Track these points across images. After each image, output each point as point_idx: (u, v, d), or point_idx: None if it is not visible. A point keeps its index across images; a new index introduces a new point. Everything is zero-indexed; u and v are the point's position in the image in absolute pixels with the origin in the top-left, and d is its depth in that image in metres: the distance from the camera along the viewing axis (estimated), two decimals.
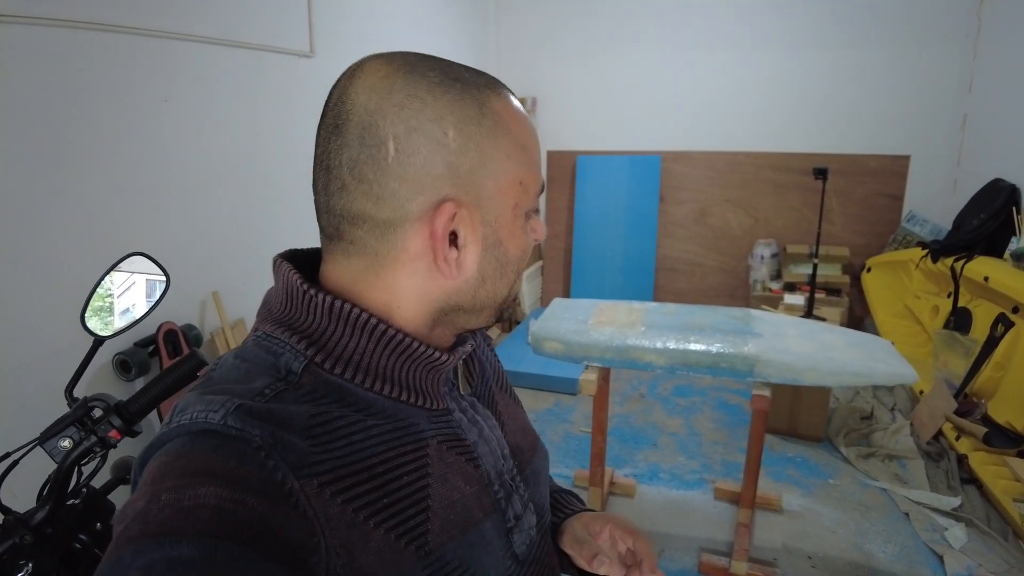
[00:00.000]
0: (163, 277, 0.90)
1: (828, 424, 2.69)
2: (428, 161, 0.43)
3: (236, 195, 2.16)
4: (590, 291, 4.10)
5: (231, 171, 2.12)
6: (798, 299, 2.75)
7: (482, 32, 4.10)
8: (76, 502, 0.80)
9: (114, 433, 0.78)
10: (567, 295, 4.23)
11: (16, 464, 0.78)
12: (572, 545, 0.61)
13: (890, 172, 3.56)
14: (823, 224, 2.86)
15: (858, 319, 3.65)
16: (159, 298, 0.90)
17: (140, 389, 0.83)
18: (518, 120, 0.47)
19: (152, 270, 0.90)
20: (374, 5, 2.88)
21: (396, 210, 0.44)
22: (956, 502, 2.15)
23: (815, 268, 2.83)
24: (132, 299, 0.89)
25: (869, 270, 3.52)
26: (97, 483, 0.84)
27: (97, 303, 0.85)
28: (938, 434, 2.51)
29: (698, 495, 2.32)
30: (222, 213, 2.10)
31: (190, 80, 1.92)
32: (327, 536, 0.39)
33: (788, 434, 2.68)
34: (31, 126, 1.48)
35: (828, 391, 2.66)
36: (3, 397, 1.43)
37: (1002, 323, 2.42)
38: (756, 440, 1.88)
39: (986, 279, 2.51)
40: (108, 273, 0.86)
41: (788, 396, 2.61)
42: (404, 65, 0.44)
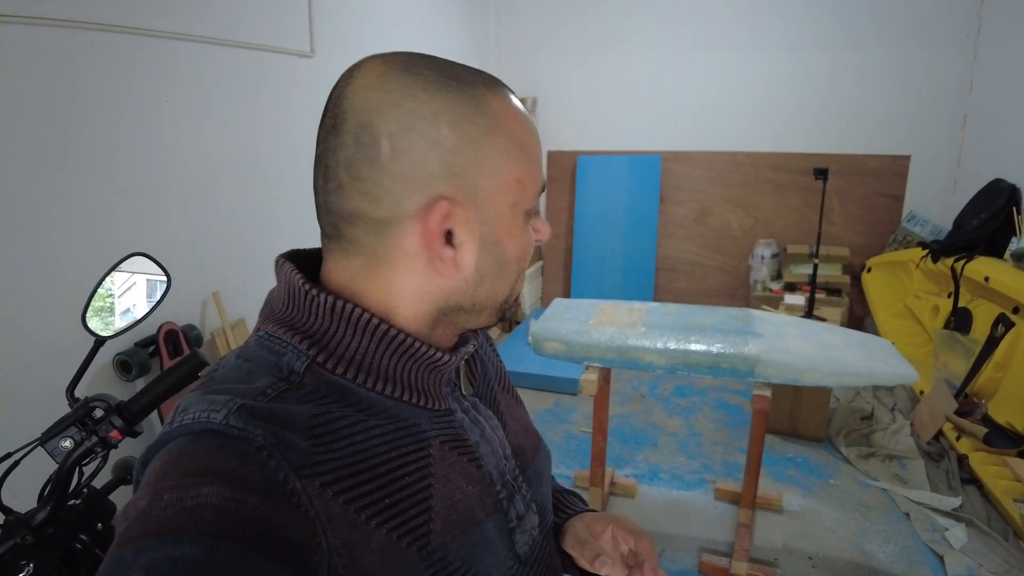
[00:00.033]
0: (164, 277, 0.90)
1: (828, 424, 2.69)
2: (423, 159, 0.43)
3: (236, 195, 2.15)
4: (590, 291, 4.10)
5: (231, 171, 2.12)
6: (798, 299, 2.74)
7: (482, 32, 4.10)
8: (77, 502, 0.80)
9: (115, 433, 0.78)
10: (567, 295, 4.23)
11: (17, 464, 0.78)
12: (574, 545, 0.61)
13: (890, 172, 3.56)
14: (823, 224, 2.86)
15: (858, 319, 3.64)
16: (160, 298, 0.90)
17: (141, 389, 0.83)
18: (516, 118, 0.47)
19: (153, 270, 0.90)
20: (374, 5, 2.88)
21: (392, 209, 0.44)
22: (956, 502, 2.14)
23: (815, 268, 2.83)
24: (133, 299, 0.89)
25: (869, 270, 3.52)
26: (98, 483, 0.84)
27: (98, 303, 0.85)
28: (938, 434, 2.50)
29: (698, 495, 2.32)
30: (222, 213, 2.10)
31: (190, 80, 1.92)
32: (329, 536, 0.39)
33: (788, 434, 2.68)
34: (31, 126, 1.48)
35: (828, 391, 2.66)
36: (4, 397, 1.43)
37: (1002, 323, 2.42)
38: (756, 440, 1.88)
39: (986, 279, 2.51)
40: (109, 273, 0.86)
41: (789, 396, 2.61)
42: (401, 64, 0.44)
